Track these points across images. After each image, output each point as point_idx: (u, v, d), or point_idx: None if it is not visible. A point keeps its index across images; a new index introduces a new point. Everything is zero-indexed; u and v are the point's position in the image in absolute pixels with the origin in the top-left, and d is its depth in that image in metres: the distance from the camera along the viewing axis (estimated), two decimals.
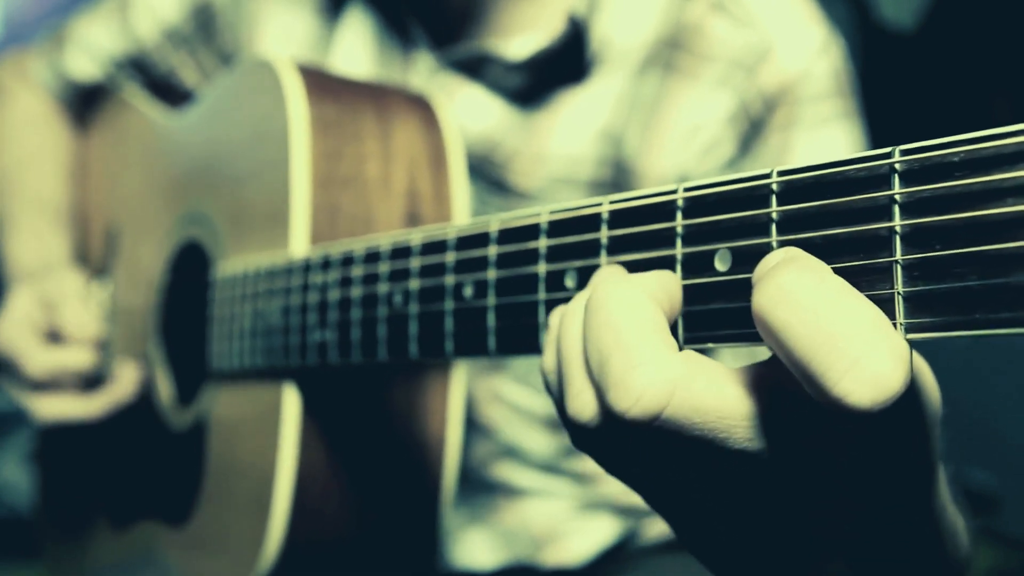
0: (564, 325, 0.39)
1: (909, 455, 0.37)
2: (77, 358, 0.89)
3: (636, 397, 0.34)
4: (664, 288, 0.38)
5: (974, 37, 2.00)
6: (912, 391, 0.36)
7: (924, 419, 0.37)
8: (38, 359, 0.88)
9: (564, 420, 0.41)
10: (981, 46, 1.98)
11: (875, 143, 0.87)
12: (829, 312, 0.30)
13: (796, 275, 0.31)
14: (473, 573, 0.93)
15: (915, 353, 0.38)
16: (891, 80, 1.98)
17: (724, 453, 0.35)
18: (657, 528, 0.93)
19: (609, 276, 0.39)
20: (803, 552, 0.38)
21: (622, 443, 0.38)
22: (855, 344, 0.29)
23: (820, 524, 0.37)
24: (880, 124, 1.04)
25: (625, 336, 0.35)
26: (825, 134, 0.82)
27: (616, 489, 0.92)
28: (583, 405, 0.37)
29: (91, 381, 0.92)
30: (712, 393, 0.34)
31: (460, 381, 0.77)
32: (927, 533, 0.40)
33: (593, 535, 0.92)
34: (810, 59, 0.82)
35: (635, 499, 0.92)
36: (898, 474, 0.37)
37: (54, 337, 0.91)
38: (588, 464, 0.92)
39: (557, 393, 0.40)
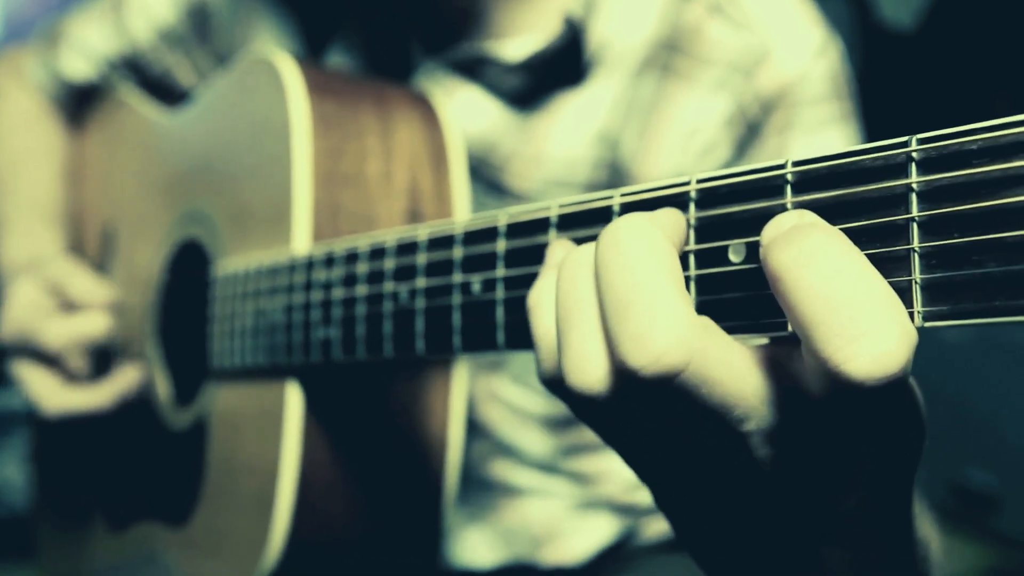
0: (565, 273, 0.37)
1: (893, 463, 0.36)
2: (94, 323, 0.90)
3: (657, 355, 0.32)
4: (676, 228, 0.37)
5: (974, 37, 2.00)
6: (909, 394, 0.36)
7: (913, 428, 0.36)
8: (54, 329, 0.88)
9: (554, 384, 0.39)
10: (981, 46, 1.99)
11: None
12: (851, 281, 0.30)
13: (823, 239, 0.31)
14: (472, 572, 0.93)
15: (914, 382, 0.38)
16: (891, 80, 1.99)
17: (722, 428, 0.35)
18: (656, 527, 0.93)
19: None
20: (796, 538, 0.38)
21: (626, 403, 0.36)
22: (869, 317, 0.30)
23: (814, 509, 0.37)
24: (880, 125, 1.04)
25: (647, 285, 0.33)
26: (822, 137, 0.82)
27: (615, 489, 0.92)
28: (591, 365, 0.35)
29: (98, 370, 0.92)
30: (723, 365, 0.33)
31: (461, 380, 0.77)
32: (906, 530, 0.40)
33: (592, 534, 0.92)
34: (808, 62, 0.82)
35: (634, 498, 0.93)
36: (882, 476, 0.36)
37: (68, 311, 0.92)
38: (586, 464, 0.92)
39: (550, 356, 0.39)
